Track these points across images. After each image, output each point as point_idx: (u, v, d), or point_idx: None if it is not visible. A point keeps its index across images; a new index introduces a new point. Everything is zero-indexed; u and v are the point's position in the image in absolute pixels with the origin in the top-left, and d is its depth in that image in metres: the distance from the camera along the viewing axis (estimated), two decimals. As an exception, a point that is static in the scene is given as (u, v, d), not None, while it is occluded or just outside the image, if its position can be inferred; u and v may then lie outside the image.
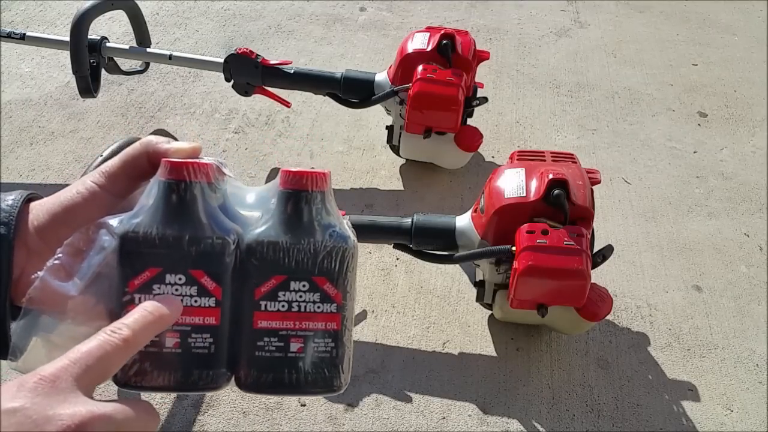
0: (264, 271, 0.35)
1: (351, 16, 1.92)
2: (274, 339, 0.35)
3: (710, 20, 1.97)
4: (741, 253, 1.22)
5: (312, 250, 0.35)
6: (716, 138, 1.51)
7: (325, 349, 0.36)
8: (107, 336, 0.30)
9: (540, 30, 1.89)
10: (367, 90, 1.28)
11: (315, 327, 0.35)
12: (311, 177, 0.36)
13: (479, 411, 0.96)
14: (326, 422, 0.93)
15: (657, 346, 1.06)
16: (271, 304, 0.35)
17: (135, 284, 0.34)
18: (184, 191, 0.34)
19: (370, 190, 1.33)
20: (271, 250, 0.35)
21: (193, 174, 0.34)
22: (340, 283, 0.36)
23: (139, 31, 1.36)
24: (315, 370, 0.36)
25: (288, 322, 0.35)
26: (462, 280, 1.15)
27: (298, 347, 0.35)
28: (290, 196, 0.36)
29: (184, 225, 0.34)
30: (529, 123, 1.53)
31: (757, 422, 0.96)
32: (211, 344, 0.34)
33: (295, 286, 0.35)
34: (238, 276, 0.35)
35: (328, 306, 0.36)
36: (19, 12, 1.85)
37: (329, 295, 0.36)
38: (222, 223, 0.35)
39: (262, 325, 0.35)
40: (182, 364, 0.34)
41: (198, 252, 0.34)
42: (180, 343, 0.34)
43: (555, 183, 0.88)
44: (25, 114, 1.50)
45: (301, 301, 0.35)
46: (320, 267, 0.35)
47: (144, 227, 0.33)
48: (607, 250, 0.90)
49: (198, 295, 0.34)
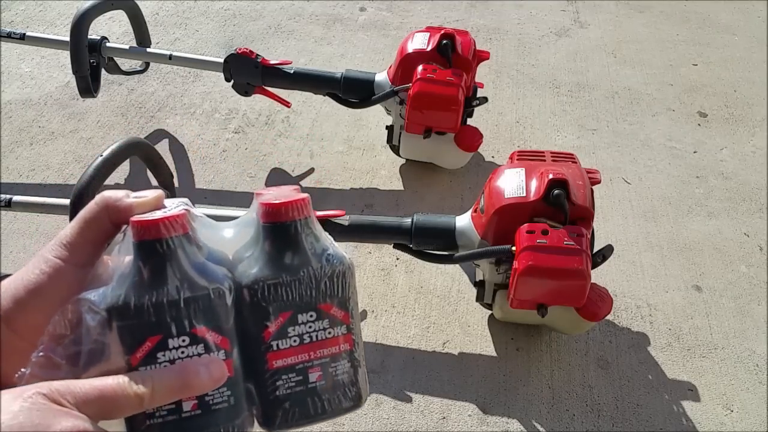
0: (270, 312, 0.34)
1: (351, 16, 1.92)
2: (293, 375, 0.35)
3: (710, 20, 1.97)
4: (741, 253, 1.22)
5: (313, 279, 0.34)
6: (716, 138, 1.51)
7: (344, 371, 0.36)
8: (125, 385, 0.29)
9: (540, 30, 1.89)
10: (367, 90, 1.28)
11: (330, 353, 0.35)
12: (293, 206, 0.34)
13: (479, 411, 0.96)
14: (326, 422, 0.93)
15: (657, 346, 1.06)
16: (283, 342, 0.34)
17: (138, 357, 0.31)
18: (163, 249, 0.32)
19: (370, 190, 1.33)
20: (273, 290, 0.34)
21: (169, 229, 0.32)
22: (345, 303, 0.35)
23: (139, 31, 1.36)
24: (337, 392, 0.36)
25: (303, 355, 0.35)
26: (462, 280, 1.15)
27: (317, 376, 0.35)
28: (276, 229, 0.34)
29: (174, 285, 0.32)
30: (529, 123, 1.53)
31: (757, 422, 0.96)
32: (230, 396, 0.33)
33: (302, 318, 0.35)
34: (241, 321, 0.34)
35: (339, 329, 0.35)
36: (19, 12, 1.85)
37: (337, 318, 0.35)
38: (211, 271, 0.33)
39: (278, 364, 0.34)
40: (204, 424, 0.33)
41: (196, 309, 0.32)
42: (198, 404, 0.32)
43: (555, 183, 0.88)
44: (25, 114, 1.50)
45: (311, 332, 0.35)
46: (324, 294, 0.35)
47: (131, 297, 0.31)
48: (607, 250, 0.90)
49: (206, 353, 0.32)
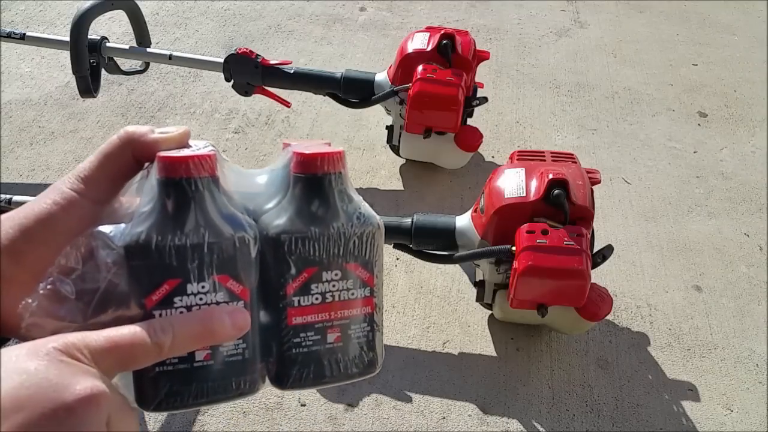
0: (294, 266, 0.32)
1: (351, 16, 1.92)
2: (311, 333, 0.33)
3: (710, 20, 1.97)
4: (741, 253, 1.22)
5: (342, 237, 0.33)
6: (716, 138, 1.51)
7: (362, 334, 0.35)
8: (143, 336, 0.27)
9: (540, 30, 1.89)
10: (367, 90, 1.28)
11: (350, 314, 0.34)
12: (328, 158, 0.33)
13: (479, 411, 0.96)
14: (326, 422, 0.93)
15: (657, 346, 1.06)
16: (305, 299, 0.33)
17: (153, 300, 0.30)
18: (191, 189, 0.30)
19: (370, 190, 1.33)
20: (300, 244, 0.32)
21: (198, 168, 0.30)
22: (371, 265, 0.34)
23: (139, 31, 1.36)
24: (354, 356, 0.35)
25: (323, 314, 0.33)
26: (462, 280, 1.15)
27: (335, 337, 0.34)
28: (308, 181, 0.33)
29: (198, 228, 0.30)
30: (529, 123, 1.53)
31: (757, 422, 0.96)
32: (245, 349, 0.32)
33: (327, 276, 0.33)
34: (264, 273, 0.32)
35: (362, 291, 0.34)
36: (19, 12, 1.85)
37: (362, 279, 0.34)
38: (237, 218, 0.32)
39: (297, 321, 0.33)
40: (217, 376, 0.31)
41: (219, 255, 0.31)
42: (211, 354, 0.31)
43: (555, 183, 0.88)
44: (25, 114, 1.50)
45: (335, 291, 0.33)
46: (351, 253, 0.33)
47: (153, 236, 0.29)
48: (607, 250, 0.90)
49: (225, 302, 0.31)
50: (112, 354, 0.27)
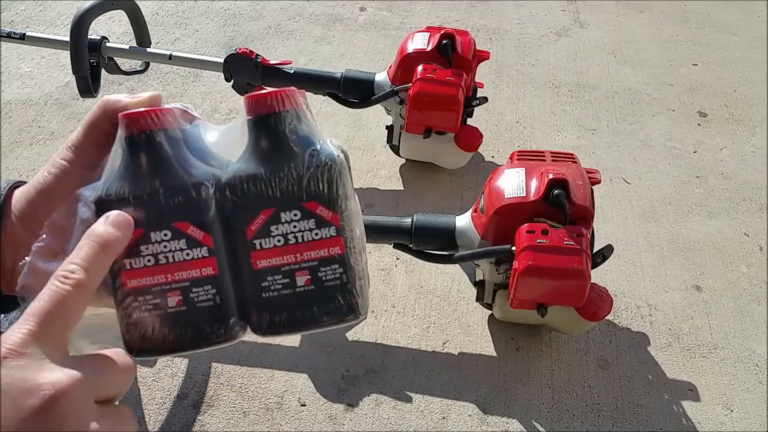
0: (250, 209, 0.33)
1: (351, 16, 1.92)
2: (278, 276, 0.33)
3: (710, 20, 1.97)
4: (741, 253, 1.22)
5: (294, 174, 0.33)
6: (716, 138, 1.51)
7: (335, 276, 0.33)
8: (59, 285, 0.28)
9: (540, 30, 1.89)
10: (367, 90, 1.28)
11: (318, 255, 0.33)
12: (276, 97, 0.33)
13: (479, 411, 0.96)
14: (326, 422, 0.93)
15: (657, 346, 1.06)
16: (266, 241, 0.33)
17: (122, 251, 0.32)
18: (148, 142, 0.32)
19: (370, 190, 1.33)
20: (252, 185, 0.33)
21: (154, 122, 0.32)
22: (333, 202, 0.33)
23: (139, 31, 1.36)
24: (328, 300, 0.34)
25: (288, 257, 0.33)
26: (462, 280, 1.15)
27: (305, 280, 0.33)
28: (257, 122, 0.33)
29: (157, 178, 0.32)
30: (529, 123, 1.53)
31: (757, 422, 0.96)
32: (215, 295, 0.33)
33: (286, 217, 0.33)
34: (224, 219, 0.33)
35: (326, 230, 0.33)
36: (19, 12, 1.85)
37: (325, 218, 0.33)
38: (196, 167, 0.33)
39: (261, 264, 0.33)
40: (191, 322, 0.33)
41: (177, 203, 0.32)
42: (183, 300, 0.32)
43: (555, 183, 0.88)
44: (25, 114, 1.50)
45: (296, 232, 0.33)
46: (308, 191, 0.33)
47: (116, 188, 0.32)
48: (607, 250, 0.90)
49: (189, 248, 0.32)
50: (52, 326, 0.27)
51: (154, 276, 0.32)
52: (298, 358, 1.01)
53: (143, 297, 0.32)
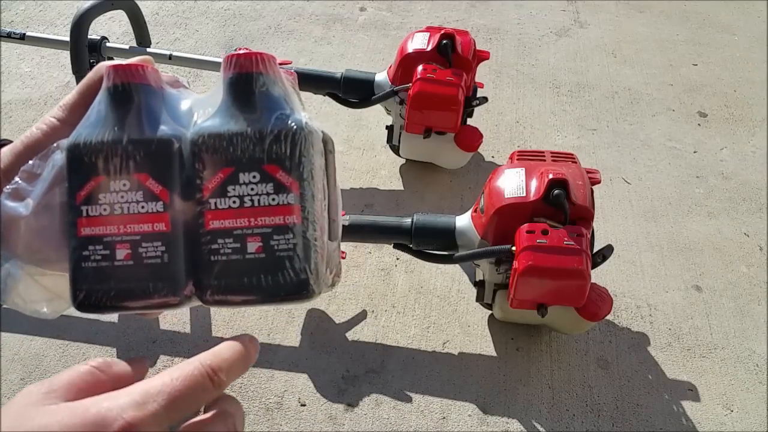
0: (209, 166, 0.32)
1: (351, 16, 1.92)
2: (230, 240, 0.32)
3: (710, 20, 1.97)
4: (741, 253, 1.22)
5: (257, 135, 0.32)
6: (716, 138, 1.51)
7: (287, 247, 0.32)
8: (200, 376, 0.28)
9: (540, 30, 1.89)
10: (367, 90, 1.28)
11: (272, 222, 0.32)
12: (253, 58, 0.33)
13: (479, 411, 0.96)
14: (326, 422, 0.93)
15: (657, 346, 1.06)
16: (221, 201, 0.32)
17: (81, 195, 0.32)
18: (126, 93, 0.33)
19: (370, 190, 1.33)
20: (213, 142, 0.32)
21: (134, 75, 0.33)
22: (295, 169, 0.32)
23: (139, 31, 1.36)
24: (278, 272, 0.32)
25: (242, 220, 0.32)
26: (462, 280, 1.15)
27: (256, 247, 0.32)
28: (232, 81, 0.34)
29: (126, 128, 0.32)
30: (529, 123, 1.53)
31: (757, 422, 0.96)
32: (164, 253, 0.32)
33: (244, 178, 0.32)
34: (186, 177, 0.32)
35: (284, 197, 0.32)
36: (19, 12, 1.85)
37: (283, 184, 0.32)
38: (168, 124, 0.33)
39: (214, 225, 0.32)
40: (136, 277, 0.32)
41: (140, 154, 0.32)
42: (131, 254, 0.32)
43: (555, 183, 0.88)
44: (25, 114, 1.50)
45: (253, 195, 0.32)
46: (269, 154, 0.32)
47: (85, 135, 0.32)
48: (607, 250, 0.90)
49: (145, 201, 0.32)
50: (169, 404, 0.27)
51: (107, 226, 0.32)
52: (298, 358, 1.01)
53: (94, 246, 0.32)
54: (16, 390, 0.96)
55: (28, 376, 0.98)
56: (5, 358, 1.00)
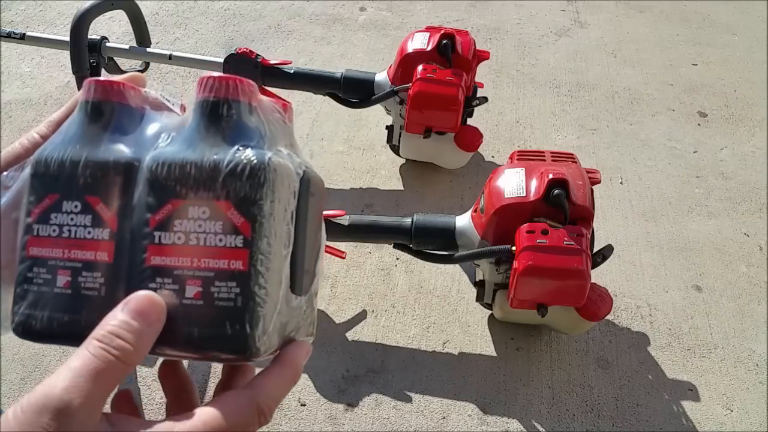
0: (159, 195, 0.29)
1: (351, 16, 1.92)
2: (168, 280, 0.28)
3: (710, 20, 1.97)
4: (741, 253, 1.22)
5: (212, 167, 0.28)
6: (716, 138, 1.51)
7: (228, 296, 0.28)
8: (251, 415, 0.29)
9: (540, 30, 1.89)
10: (367, 90, 1.28)
11: (215, 266, 0.28)
12: (226, 82, 0.30)
13: (479, 411, 0.96)
14: (326, 422, 0.93)
15: (657, 346, 1.06)
16: (166, 236, 0.28)
17: (35, 213, 0.30)
18: (97, 110, 0.31)
19: (370, 190, 1.33)
20: (166, 170, 0.29)
21: (109, 93, 0.31)
22: (249, 209, 0.28)
23: (139, 31, 1.36)
24: (215, 323, 0.28)
25: (184, 259, 0.28)
26: (462, 280, 1.15)
27: (195, 292, 0.28)
28: (200, 104, 0.30)
29: (88, 147, 0.30)
30: (529, 123, 1.53)
31: (757, 422, 0.96)
32: (102, 285, 0.29)
33: (193, 212, 0.28)
34: (137, 204, 0.30)
35: (233, 239, 0.28)
36: (19, 12, 1.85)
37: (234, 224, 0.28)
38: (132, 147, 0.31)
39: (154, 261, 0.29)
40: (70, 307, 0.29)
41: (94, 177, 0.30)
42: (70, 282, 0.29)
43: (555, 183, 0.88)
44: (25, 114, 1.50)
45: (200, 232, 0.28)
46: (223, 188, 0.28)
47: (50, 151, 0.31)
48: (607, 250, 0.90)
49: (92, 226, 0.30)
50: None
51: (53, 248, 0.30)
52: (298, 358, 1.01)
53: (38, 269, 0.30)
54: (16, 390, 0.96)
55: (28, 376, 0.98)
56: (5, 358, 1.00)
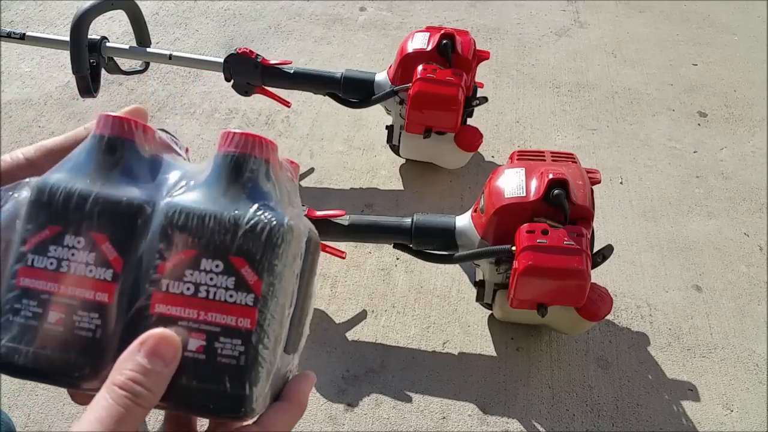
0: (173, 243, 0.29)
1: (351, 16, 1.92)
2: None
3: (710, 20, 1.97)
4: (741, 253, 1.22)
5: (232, 222, 0.28)
6: (716, 138, 1.51)
7: (231, 353, 0.28)
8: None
9: (540, 30, 1.89)
10: (367, 90, 1.28)
11: (222, 321, 0.28)
12: (251, 139, 0.30)
13: (479, 411, 0.96)
14: (326, 422, 0.93)
15: (657, 346, 1.06)
16: (175, 285, 0.28)
17: (32, 242, 0.29)
18: (109, 146, 0.31)
19: (370, 190, 1.33)
20: (183, 218, 0.29)
21: (124, 130, 0.31)
22: (263, 268, 0.28)
23: (139, 31, 1.36)
24: (213, 379, 0.28)
25: (191, 310, 0.28)
26: (462, 280, 1.15)
27: (197, 345, 0.28)
28: (222, 158, 0.30)
29: (98, 182, 0.30)
30: (529, 123, 1.53)
31: (757, 422, 0.96)
32: (98, 327, 0.28)
33: (206, 265, 0.28)
34: (146, 248, 0.29)
35: (243, 296, 0.28)
36: (19, 12, 1.85)
37: (247, 282, 0.28)
38: (143, 188, 0.30)
39: (159, 309, 0.28)
40: (60, 346, 0.28)
41: (103, 213, 0.29)
42: (63, 319, 0.29)
43: (555, 183, 0.88)
44: (25, 114, 1.50)
45: (210, 285, 0.28)
46: (240, 245, 0.28)
47: (57, 180, 0.30)
48: (607, 250, 0.90)
49: (95, 265, 0.29)
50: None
51: (48, 282, 0.29)
52: (298, 358, 1.01)
53: (28, 301, 0.29)
54: (16, 390, 0.96)
55: (28, 376, 0.98)
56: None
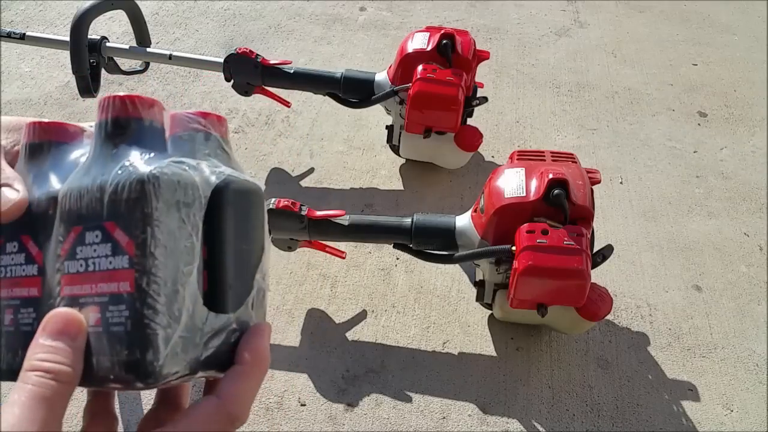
0: (66, 225, 0.29)
1: (351, 16, 1.92)
2: (77, 309, 0.28)
3: (710, 20, 1.97)
4: (741, 253, 1.22)
5: (99, 189, 0.27)
6: (716, 138, 1.51)
7: (119, 320, 0.26)
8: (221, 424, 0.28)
9: (540, 30, 1.89)
10: (367, 90, 1.28)
11: (108, 290, 0.27)
12: (118, 101, 0.29)
13: (479, 411, 0.96)
14: (326, 422, 0.93)
15: (657, 346, 1.06)
16: (72, 264, 0.28)
17: None
18: (38, 151, 0.32)
19: (370, 190, 1.33)
20: (68, 198, 0.29)
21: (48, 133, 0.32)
22: (134, 228, 0.26)
23: (139, 31, 1.36)
24: (111, 349, 0.27)
25: (86, 286, 0.28)
26: (462, 280, 1.15)
27: (96, 319, 0.27)
28: (98, 127, 0.30)
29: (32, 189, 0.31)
30: (529, 123, 1.53)
31: (757, 422, 0.96)
32: (34, 320, 0.29)
33: (90, 237, 0.28)
34: (53, 237, 0.30)
35: (120, 260, 0.27)
36: (19, 12, 1.85)
37: (120, 245, 0.27)
38: (61, 180, 0.30)
39: (66, 291, 0.28)
40: (12, 344, 0.30)
41: (28, 215, 0.30)
42: (13, 319, 0.30)
43: (555, 183, 0.88)
44: (25, 114, 1.50)
45: (95, 257, 0.27)
46: (109, 209, 0.27)
47: None
48: (607, 250, 0.90)
49: (25, 263, 0.30)
50: None
51: (2, 289, 0.31)
52: (298, 358, 1.01)
53: None
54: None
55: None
56: (5, 358, 1.00)
